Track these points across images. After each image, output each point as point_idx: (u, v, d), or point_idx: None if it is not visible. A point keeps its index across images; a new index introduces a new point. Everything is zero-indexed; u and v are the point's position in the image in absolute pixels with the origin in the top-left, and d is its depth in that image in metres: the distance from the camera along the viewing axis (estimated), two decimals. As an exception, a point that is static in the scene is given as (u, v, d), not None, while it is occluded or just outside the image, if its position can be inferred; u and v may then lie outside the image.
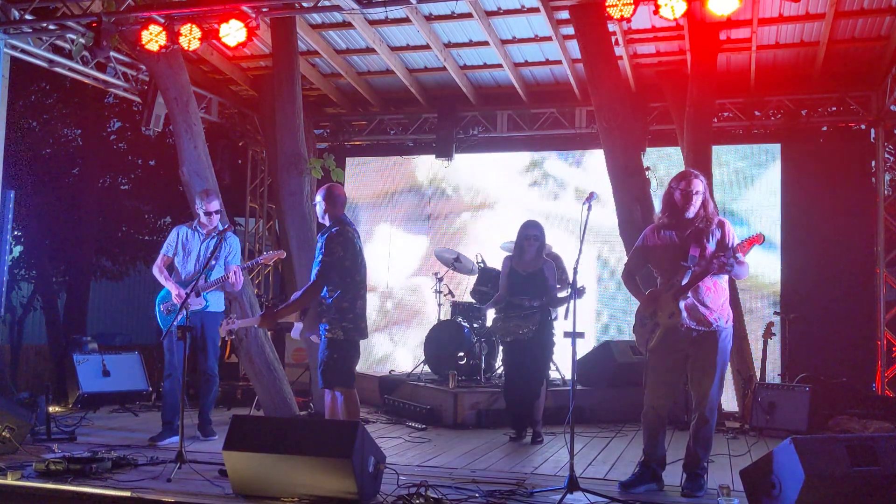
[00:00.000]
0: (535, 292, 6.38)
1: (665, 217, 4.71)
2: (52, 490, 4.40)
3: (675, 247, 4.63)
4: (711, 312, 4.57)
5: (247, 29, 6.36)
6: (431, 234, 10.42)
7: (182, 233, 6.37)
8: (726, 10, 5.81)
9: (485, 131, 10.21)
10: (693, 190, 4.59)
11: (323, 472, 4.11)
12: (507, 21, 8.25)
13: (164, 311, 6.31)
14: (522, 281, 6.42)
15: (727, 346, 4.67)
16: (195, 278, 5.92)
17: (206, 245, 6.28)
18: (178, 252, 6.33)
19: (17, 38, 7.40)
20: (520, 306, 6.39)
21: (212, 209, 6.30)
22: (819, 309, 8.69)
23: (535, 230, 6.44)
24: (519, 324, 6.38)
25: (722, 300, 4.61)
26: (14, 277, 11.80)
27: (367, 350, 10.50)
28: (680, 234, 4.64)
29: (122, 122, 12.82)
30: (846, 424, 6.64)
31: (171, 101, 7.34)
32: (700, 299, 4.55)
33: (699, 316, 4.57)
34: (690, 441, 4.66)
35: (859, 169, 9.14)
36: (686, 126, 8.19)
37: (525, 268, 6.44)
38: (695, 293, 4.54)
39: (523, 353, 6.42)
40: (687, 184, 4.62)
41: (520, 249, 6.47)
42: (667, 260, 4.67)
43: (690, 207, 4.59)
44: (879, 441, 4.00)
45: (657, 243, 4.74)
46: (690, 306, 4.56)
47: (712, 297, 4.57)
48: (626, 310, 9.37)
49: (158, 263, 6.34)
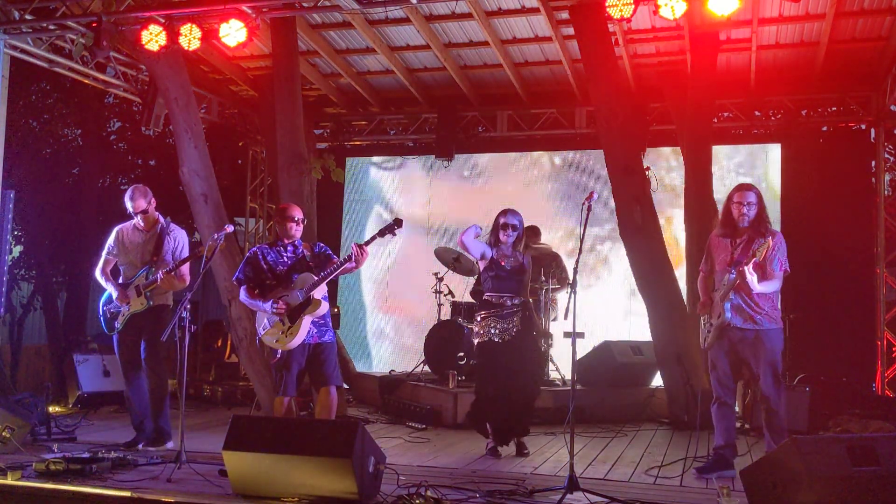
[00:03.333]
0: (517, 288, 5.76)
1: (722, 225, 5.17)
2: (52, 490, 4.40)
3: (727, 252, 5.09)
4: (756, 313, 4.95)
5: (247, 29, 6.36)
6: (431, 234, 10.42)
7: (123, 231, 6.00)
8: (726, 11, 5.80)
9: (485, 131, 10.22)
10: (746, 201, 5.00)
11: (323, 472, 4.11)
12: (507, 21, 8.25)
13: (107, 312, 5.94)
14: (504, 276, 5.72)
15: (776, 345, 5.01)
16: (135, 276, 5.77)
17: (146, 241, 5.92)
18: (119, 253, 5.96)
19: (17, 38, 7.41)
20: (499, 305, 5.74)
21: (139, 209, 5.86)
22: (819, 309, 8.69)
23: (514, 219, 5.74)
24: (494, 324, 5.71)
25: (768, 303, 5.00)
26: (14, 277, 11.79)
27: (368, 350, 10.54)
28: (733, 242, 5.10)
29: (122, 122, 12.82)
30: (846, 424, 6.64)
31: (171, 101, 7.35)
32: (746, 302, 4.96)
33: (746, 316, 4.97)
34: (766, 432, 5.03)
35: (859, 169, 9.15)
36: (686, 126, 8.19)
37: (505, 261, 5.72)
38: (742, 295, 4.95)
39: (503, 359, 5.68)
40: (741, 196, 5.03)
41: (497, 241, 5.76)
42: (720, 264, 5.13)
43: (744, 218, 5.01)
44: (879, 441, 3.99)
45: (717, 247, 5.21)
46: (737, 307, 4.98)
47: (757, 300, 4.95)
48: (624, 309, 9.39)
49: (100, 267, 5.96)
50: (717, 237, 5.24)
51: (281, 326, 5.09)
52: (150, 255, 5.78)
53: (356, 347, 10.33)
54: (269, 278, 5.21)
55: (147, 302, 5.80)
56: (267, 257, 5.24)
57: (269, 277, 5.20)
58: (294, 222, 5.24)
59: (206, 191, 7.26)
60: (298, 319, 5.07)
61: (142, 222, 5.92)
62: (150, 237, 5.92)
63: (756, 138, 9.76)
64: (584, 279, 9.04)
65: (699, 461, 5.49)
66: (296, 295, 5.09)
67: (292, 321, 5.06)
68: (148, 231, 5.94)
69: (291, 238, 5.27)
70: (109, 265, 6.01)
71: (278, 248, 5.28)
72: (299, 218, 5.27)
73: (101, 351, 8.56)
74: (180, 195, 9.27)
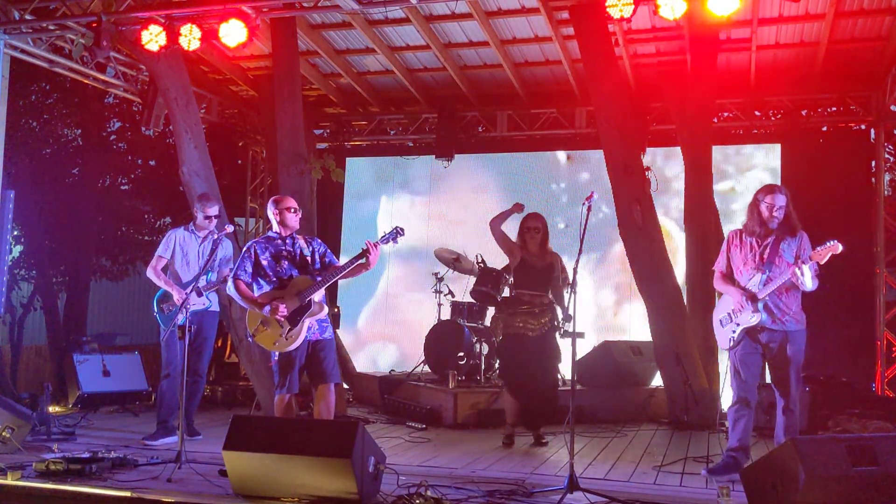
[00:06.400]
0: (546, 287, 6.20)
1: (750, 225, 5.10)
2: (52, 490, 4.40)
3: (754, 252, 5.04)
4: (784, 314, 4.96)
5: (247, 29, 6.35)
6: (431, 234, 10.42)
7: (179, 236, 6.37)
8: (726, 11, 5.80)
9: (485, 131, 10.22)
10: (777, 204, 4.97)
11: (323, 472, 4.11)
12: (508, 21, 8.25)
13: (165, 309, 6.31)
14: (533, 274, 6.18)
15: (801, 346, 5.03)
16: (195, 279, 5.92)
17: (202, 247, 6.34)
18: (175, 256, 6.32)
19: (17, 38, 7.40)
20: (529, 302, 6.18)
21: (211, 213, 6.35)
22: (819, 309, 8.63)
23: (537, 222, 6.24)
24: (537, 320, 6.15)
25: (795, 304, 5.01)
26: (14, 277, 11.78)
27: (368, 350, 10.54)
28: (760, 242, 5.04)
29: (122, 122, 12.80)
30: (846, 424, 6.64)
31: (171, 101, 7.35)
32: (775, 302, 4.96)
33: (775, 316, 4.96)
34: (779, 432, 4.99)
35: (859, 169, 9.14)
36: (686, 126, 8.19)
37: (535, 261, 6.20)
38: (770, 296, 4.94)
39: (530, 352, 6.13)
40: (773, 198, 4.99)
41: (524, 242, 6.26)
42: (746, 264, 5.07)
43: (774, 220, 4.99)
44: (879, 441, 4.00)
45: (738, 247, 5.14)
46: (768, 308, 4.96)
47: (785, 301, 4.97)
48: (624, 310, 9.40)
49: (154, 265, 6.29)
50: (739, 234, 5.17)
51: (278, 329, 4.96)
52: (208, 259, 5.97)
53: (356, 347, 10.34)
54: (268, 277, 5.09)
55: (208, 302, 6.37)
56: (263, 255, 5.08)
57: (269, 276, 5.09)
58: (292, 211, 5.13)
59: (206, 191, 7.26)
60: (300, 324, 4.96)
61: (206, 226, 6.35)
62: (206, 242, 6.36)
63: (756, 138, 9.76)
64: (584, 279, 9.04)
65: (699, 461, 5.50)
66: (296, 298, 4.97)
67: (293, 325, 4.95)
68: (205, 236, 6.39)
69: (290, 229, 5.15)
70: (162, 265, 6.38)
71: (276, 243, 5.13)
72: (295, 207, 5.18)
73: (101, 351, 8.57)
74: (180, 195, 9.28)
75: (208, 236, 6.35)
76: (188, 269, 6.30)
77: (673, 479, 5.08)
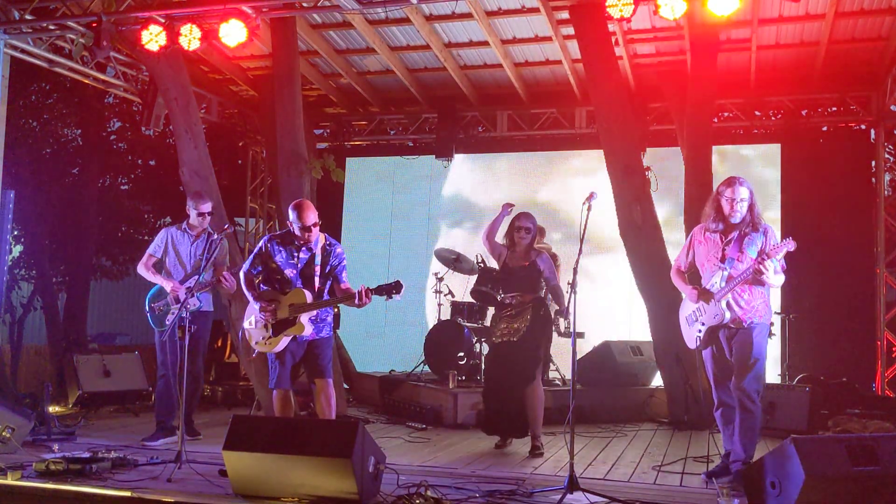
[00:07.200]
0: (527, 287, 6.05)
1: (711, 220, 4.91)
2: (52, 490, 4.39)
3: (717, 248, 4.87)
4: (745, 312, 4.78)
5: (247, 29, 6.35)
6: (431, 234, 10.42)
7: (171, 234, 6.30)
8: (726, 11, 5.80)
9: (485, 131, 10.22)
10: (738, 197, 4.77)
11: (323, 472, 4.11)
12: (508, 21, 8.26)
13: (156, 309, 6.24)
14: (512, 276, 6.05)
15: (762, 342, 4.84)
16: (188, 278, 5.89)
17: (195, 246, 6.26)
18: (167, 254, 6.26)
19: (17, 38, 7.41)
20: (510, 305, 6.07)
21: (204, 210, 6.27)
22: (819, 309, 8.70)
23: (528, 222, 6.05)
24: (508, 324, 6.02)
25: (758, 301, 4.80)
26: (14, 277, 11.79)
27: (368, 350, 10.53)
28: (723, 237, 4.87)
29: (122, 122, 12.80)
30: (846, 424, 6.63)
31: (171, 101, 7.35)
32: (735, 299, 4.78)
33: (738, 312, 4.78)
34: (735, 432, 4.82)
35: (859, 169, 9.15)
36: (686, 126, 8.19)
37: (517, 262, 6.05)
38: (733, 293, 4.77)
39: (505, 359, 6.00)
40: (732, 191, 4.79)
41: (512, 243, 6.09)
42: (709, 260, 4.91)
43: (735, 213, 4.79)
44: (879, 441, 3.99)
45: (702, 243, 4.98)
46: (731, 305, 4.79)
47: (747, 298, 4.78)
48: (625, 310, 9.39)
49: (145, 262, 6.24)
50: (703, 230, 4.98)
51: (263, 331, 5.10)
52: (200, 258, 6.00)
53: (356, 347, 10.33)
54: (275, 278, 5.15)
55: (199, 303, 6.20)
56: (276, 256, 5.12)
57: (277, 277, 5.14)
58: (307, 230, 5.05)
59: (206, 191, 7.25)
60: (279, 335, 5.03)
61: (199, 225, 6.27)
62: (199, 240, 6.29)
63: (756, 138, 9.77)
64: (584, 279, 9.04)
65: (699, 461, 5.49)
66: (287, 310, 5.02)
67: (275, 334, 5.03)
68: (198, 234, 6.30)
69: (306, 242, 5.13)
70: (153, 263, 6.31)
71: (290, 250, 5.13)
72: (312, 223, 5.06)
73: (101, 351, 8.56)
74: (180, 195, 9.28)
75: (202, 235, 6.29)
76: (178, 268, 6.23)
77: (673, 479, 5.07)
